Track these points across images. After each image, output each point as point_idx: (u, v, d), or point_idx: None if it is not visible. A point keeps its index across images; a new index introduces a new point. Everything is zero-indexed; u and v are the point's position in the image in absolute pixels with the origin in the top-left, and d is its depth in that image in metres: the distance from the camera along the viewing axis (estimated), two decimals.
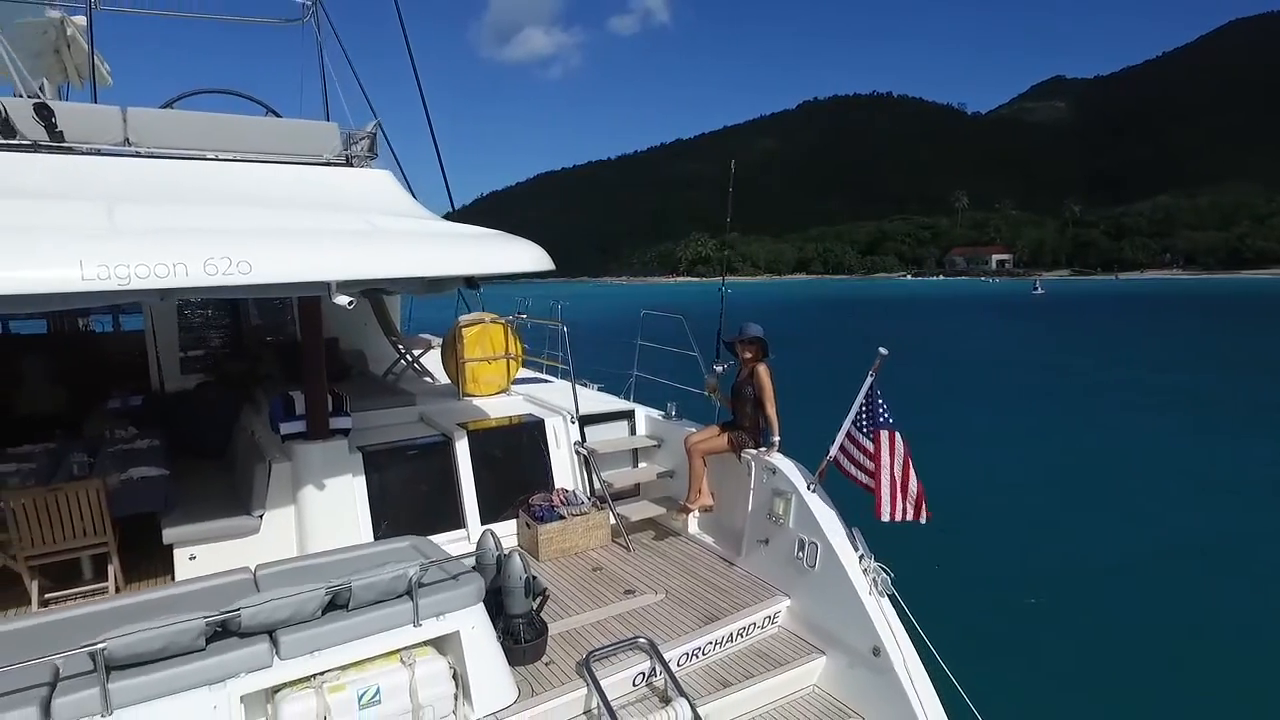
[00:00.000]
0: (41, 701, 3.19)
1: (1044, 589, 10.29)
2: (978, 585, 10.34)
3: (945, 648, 4.71)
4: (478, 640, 4.12)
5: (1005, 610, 9.76)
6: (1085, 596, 10.29)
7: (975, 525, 12.46)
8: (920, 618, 4.82)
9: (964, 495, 13.69)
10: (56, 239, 3.59)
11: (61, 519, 5.13)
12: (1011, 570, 11.07)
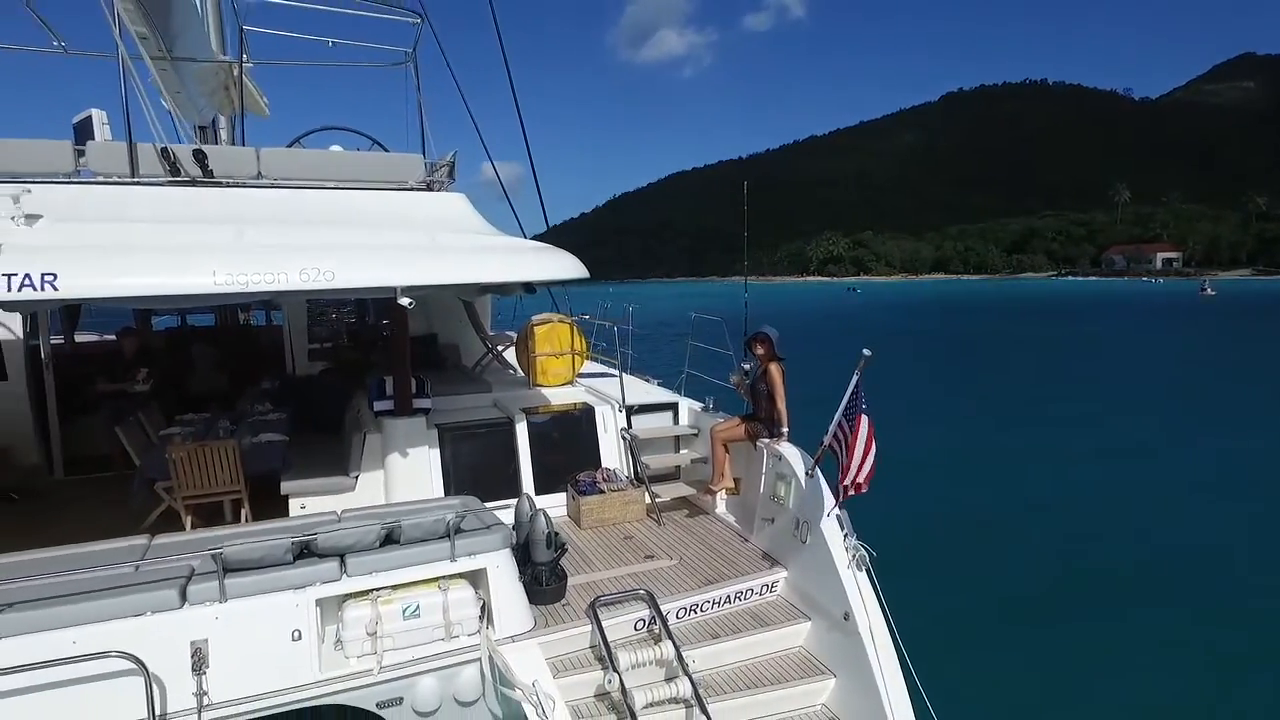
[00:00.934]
0: (180, 588, 4.45)
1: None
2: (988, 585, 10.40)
3: (912, 619, 5.25)
4: (502, 577, 5.11)
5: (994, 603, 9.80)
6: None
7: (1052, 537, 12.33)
8: (895, 593, 5.37)
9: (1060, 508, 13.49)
10: (200, 254, 4.87)
11: (207, 471, 6.58)
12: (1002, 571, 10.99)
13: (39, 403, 8.82)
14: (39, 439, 8.80)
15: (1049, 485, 14.91)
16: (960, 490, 14.45)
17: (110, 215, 5.31)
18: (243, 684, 4.44)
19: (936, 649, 6.30)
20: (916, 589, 9.37)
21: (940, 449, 17.61)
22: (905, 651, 5.08)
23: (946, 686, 5.07)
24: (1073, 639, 9.17)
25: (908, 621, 5.23)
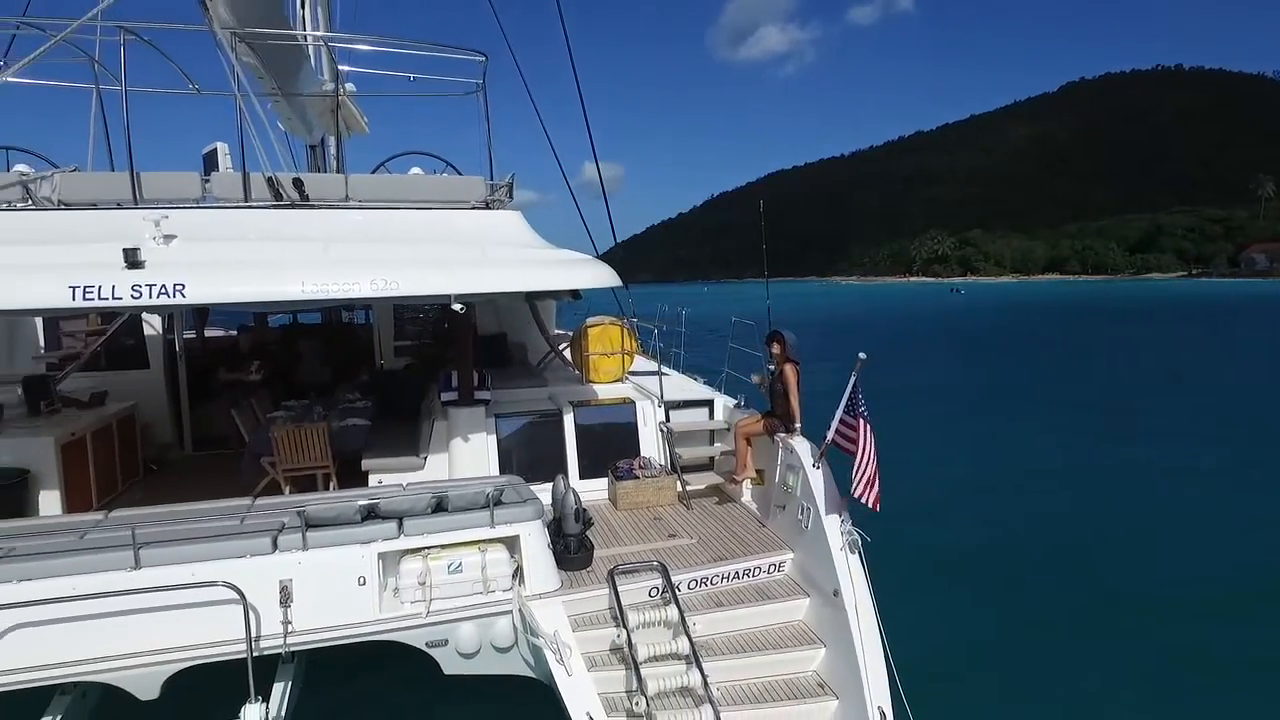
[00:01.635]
0: (272, 538, 5.53)
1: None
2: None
3: (898, 599, 5.76)
4: (533, 543, 5.97)
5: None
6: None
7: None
8: (885, 575, 5.90)
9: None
10: (293, 267, 5.96)
11: (303, 448, 7.77)
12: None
13: (174, 388, 10.39)
14: (173, 420, 10.37)
15: (1153, 507, 13.48)
16: (1042, 507, 13.59)
17: (228, 235, 6.49)
18: (318, 617, 5.48)
19: (919, 629, 6.77)
20: (956, 597, 9.66)
21: (1036, 456, 16.98)
22: (883, 626, 5.62)
23: (922, 661, 5.57)
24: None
25: (917, 604, 5.75)
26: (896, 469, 9.97)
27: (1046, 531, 11.95)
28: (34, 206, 6.68)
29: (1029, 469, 15.65)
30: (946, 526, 12.15)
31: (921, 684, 5.57)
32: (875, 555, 6.14)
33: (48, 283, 5.49)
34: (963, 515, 12.79)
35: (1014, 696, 7.32)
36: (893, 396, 23.82)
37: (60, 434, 7.62)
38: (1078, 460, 16.35)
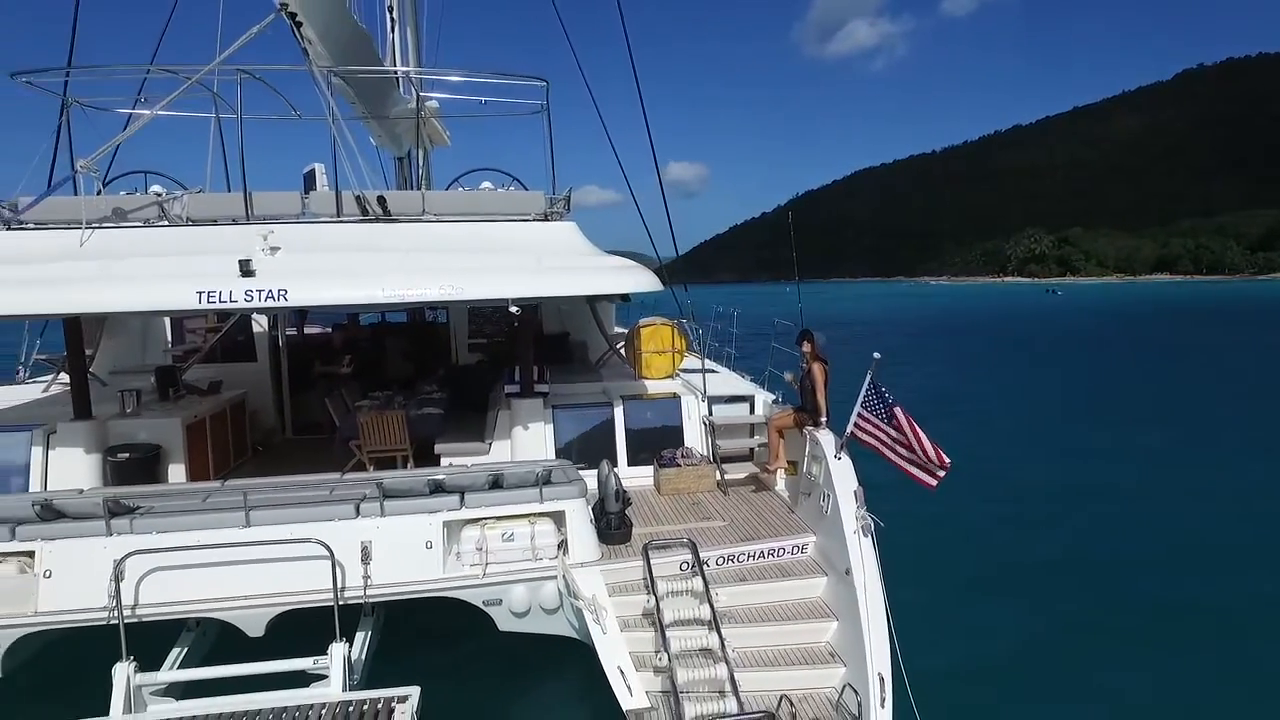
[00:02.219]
0: (355, 506, 6.49)
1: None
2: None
3: (909, 580, 6.24)
4: (576, 518, 6.75)
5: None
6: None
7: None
8: (896, 559, 6.39)
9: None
10: (375, 274, 6.93)
11: (384, 433, 8.81)
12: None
13: (277, 379, 11.71)
14: (276, 407, 11.69)
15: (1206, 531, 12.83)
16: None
17: (323, 246, 7.54)
18: (392, 574, 6.41)
19: (926, 611, 7.20)
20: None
21: (1101, 467, 16.49)
22: (890, 603, 6.12)
23: (925, 638, 6.04)
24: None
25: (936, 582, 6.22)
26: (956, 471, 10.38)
27: (1084, 540, 11.89)
28: (167, 223, 7.91)
29: (1088, 480, 15.27)
30: (981, 526, 12.27)
31: (921, 657, 6.04)
32: (903, 542, 6.64)
33: (179, 288, 6.63)
34: (1003, 517, 12.83)
35: (1004, 676, 7.61)
36: (963, 401, 23.61)
37: (185, 416, 8.90)
38: (1144, 472, 15.87)
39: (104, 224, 7.67)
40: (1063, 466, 16.34)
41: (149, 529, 6.24)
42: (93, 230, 7.58)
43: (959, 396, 25.31)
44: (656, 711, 5.86)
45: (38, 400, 10.11)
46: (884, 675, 5.74)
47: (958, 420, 20.79)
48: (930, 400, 23.50)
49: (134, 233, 7.64)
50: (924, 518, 11.63)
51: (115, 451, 8.27)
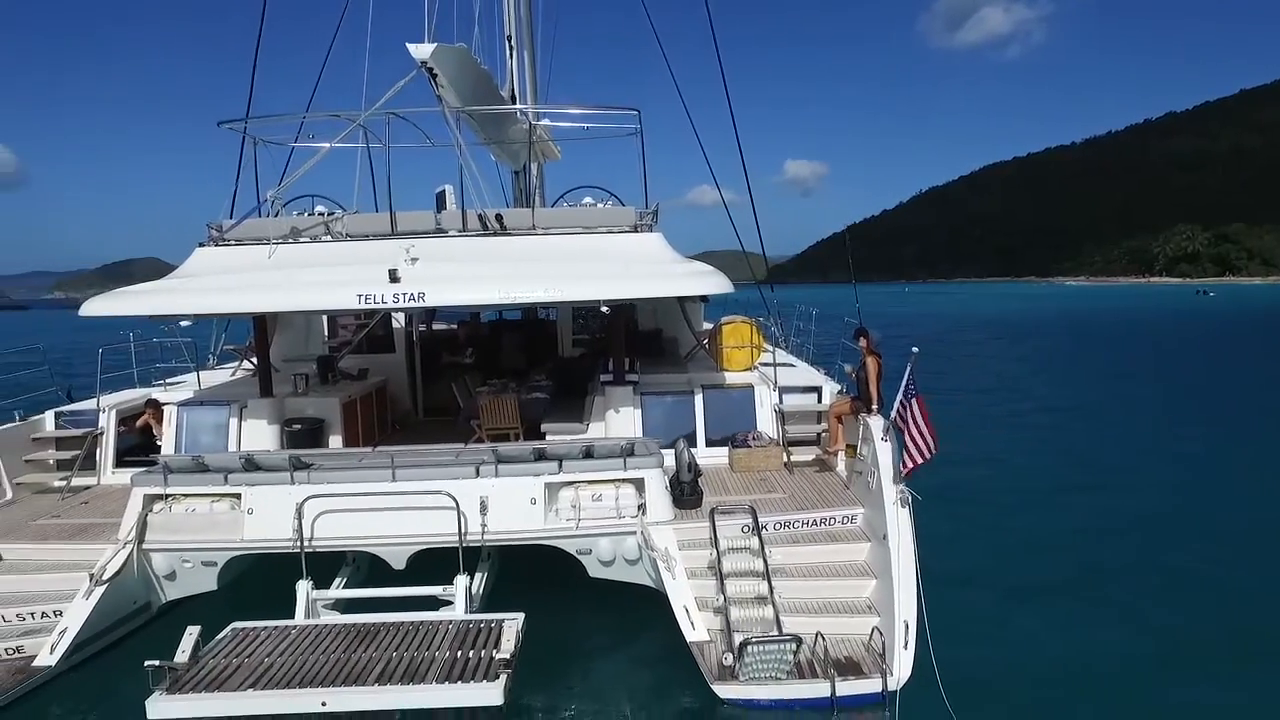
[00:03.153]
0: (476, 468, 8.03)
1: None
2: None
3: (935, 547, 7.11)
4: (654, 484, 8.02)
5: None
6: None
7: None
8: (929, 530, 7.26)
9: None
10: (492, 280, 8.46)
11: (499, 414, 10.39)
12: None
13: (412, 368, 13.63)
14: (410, 392, 13.60)
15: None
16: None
17: (452, 257, 9.16)
18: (504, 523, 7.89)
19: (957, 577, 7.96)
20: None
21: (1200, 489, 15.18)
22: (921, 565, 7.02)
23: (950, 595, 6.90)
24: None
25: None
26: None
27: (1146, 540, 11.25)
28: (331, 239, 9.79)
29: (1183, 496, 14.31)
30: (1036, 517, 12.33)
31: (945, 616, 6.91)
32: (948, 519, 7.41)
33: (344, 292, 8.41)
34: (1068, 511, 12.67)
35: (1022, 642, 8.13)
36: (1076, 413, 23.15)
37: (342, 396, 10.82)
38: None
39: (285, 240, 9.61)
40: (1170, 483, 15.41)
41: (321, 480, 7.99)
42: (276, 245, 9.54)
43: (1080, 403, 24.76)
44: (713, 643, 7.05)
45: (230, 382, 12.39)
46: (909, 623, 6.69)
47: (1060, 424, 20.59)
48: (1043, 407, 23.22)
49: (307, 247, 9.55)
50: (994, 509, 12.15)
51: (290, 423, 10.25)
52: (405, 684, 6.22)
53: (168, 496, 8.08)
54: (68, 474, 9.99)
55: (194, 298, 8.99)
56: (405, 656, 6.62)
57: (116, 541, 7.89)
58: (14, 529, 8.61)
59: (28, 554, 8.22)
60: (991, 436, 18.68)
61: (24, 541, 8.34)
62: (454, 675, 6.32)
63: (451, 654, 6.63)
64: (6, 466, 9.70)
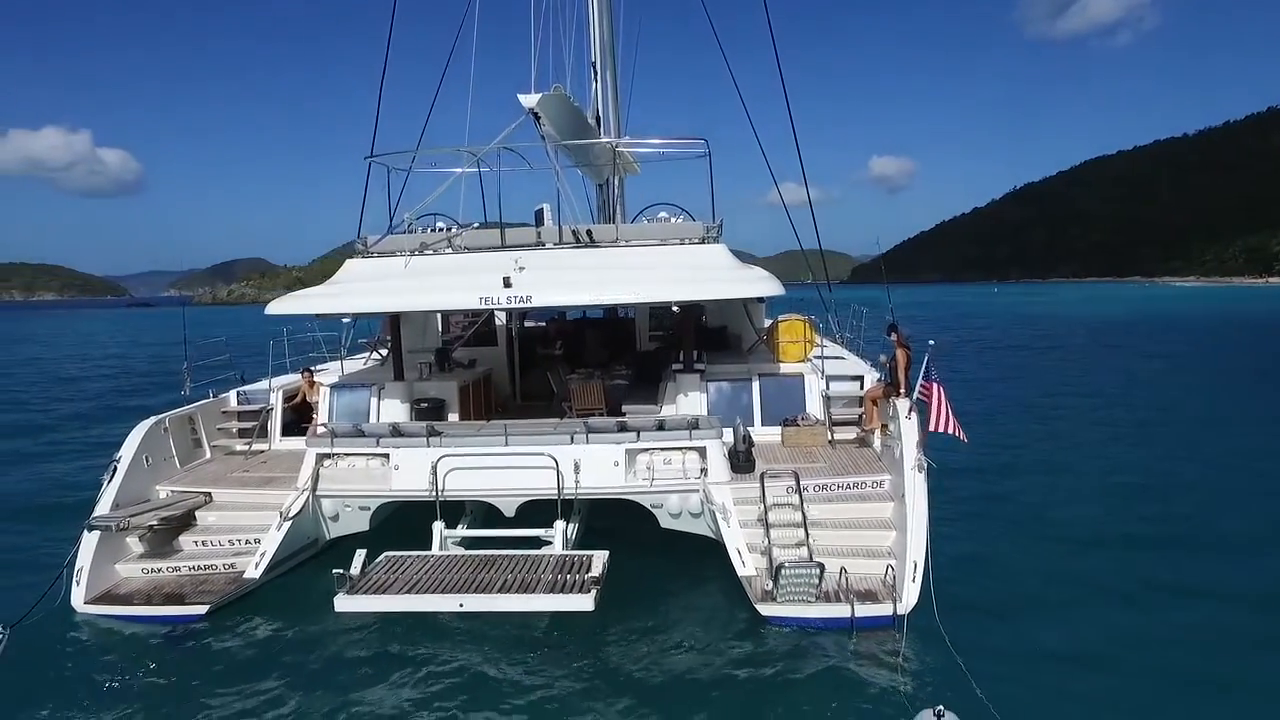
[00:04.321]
0: (571, 436, 9.98)
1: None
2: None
3: (948, 508, 8.62)
4: (714, 452, 9.79)
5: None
6: None
7: None
8: (944, 493, 8.77)
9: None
10: (580, 286, 10.43)
11: (588, 396, 12.36)
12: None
13: (511, 359, 15.80)
14: (510, 380, 15.77)
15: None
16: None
17: (548, 266, 11.15)
18: (593, 481, 9.80)
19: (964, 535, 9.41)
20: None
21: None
22: (933, 519, 8.56)
23: (955, 544, 8.40)
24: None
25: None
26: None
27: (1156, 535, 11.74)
28: (452, 251, 11.96)
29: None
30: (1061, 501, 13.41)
31: (949, 557, 8.42)
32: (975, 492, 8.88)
33: (468, 295, 10.53)
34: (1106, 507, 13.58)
35: (1020, 596, 9.41)
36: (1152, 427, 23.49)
37: (458, 381, 13.01)
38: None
39: (416, 252, 11.86)
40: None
41: (450, 445, 10.11)
42: (410, 256, 11.80)
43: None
44: (758, 577, 8.78)
45: (367, 369, 14.83)
46: (918, 563, 8.26)
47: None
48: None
49: (434, 258, 11.76)
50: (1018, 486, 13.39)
51: (418, 402, 12.49)
52: (521, 594, 8.23)
53: (334, 455, 10.37)
54: (249, 440, 12.55)
55: (351, 300, 11.36)
56: (518, 578, 8.63)
57: (296, 489, 10.23)
58: (218, 479, 11.13)
59: (231, 497, 10.69)
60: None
61: (227, 488, 10.83)
62: (556, 589, 8.29)
63: (553, 576, 8.60)
64: (205, 433, 12.31)
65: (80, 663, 8.29)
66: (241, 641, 8.69)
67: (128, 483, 10.19)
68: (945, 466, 9.55)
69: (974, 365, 35.79)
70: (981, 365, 36.07)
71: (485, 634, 8.41)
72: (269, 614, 9.26)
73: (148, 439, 10.71)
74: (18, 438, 21.86)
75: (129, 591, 9.46)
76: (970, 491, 12.96)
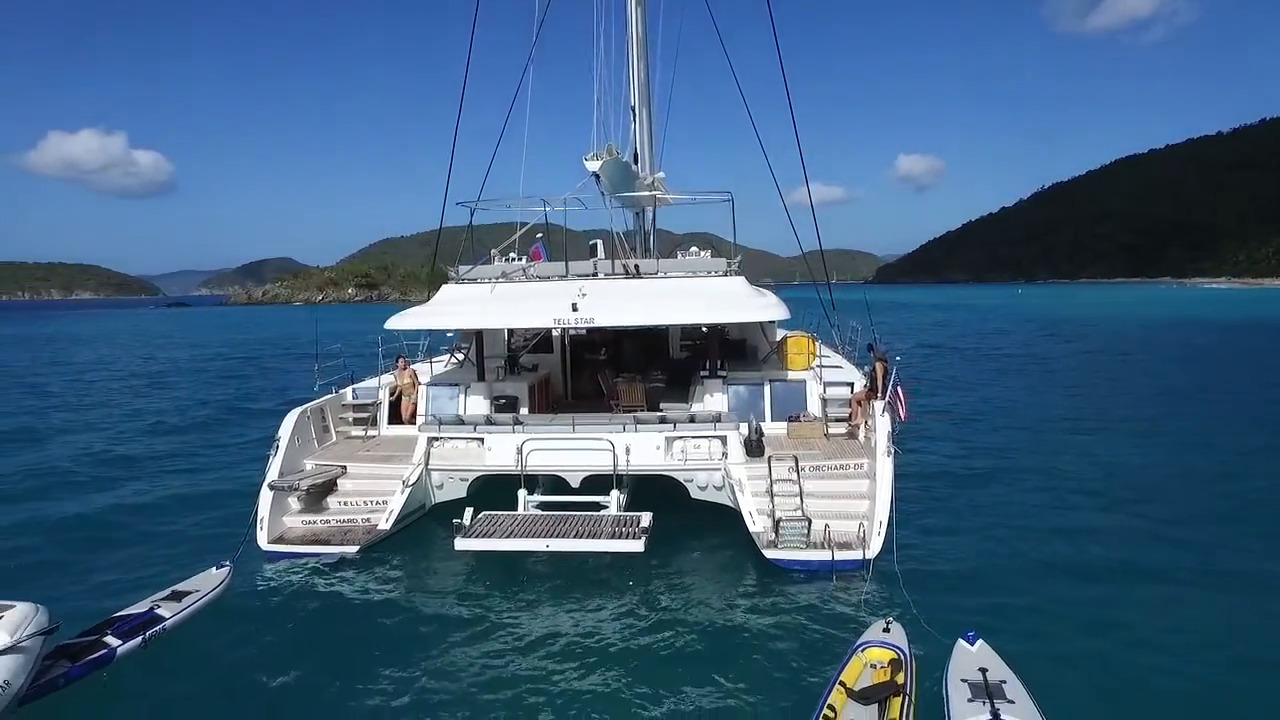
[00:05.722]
0: (623, 426, 13.07)
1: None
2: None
3: (913, 485, 11.60)
4: (733, 440, 12.83)
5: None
6: None
7: None
8: (907, 473, 11.74)
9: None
10: (625, 309, 13.51)
11: (632, 395, 15.44)
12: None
13: (564, 364, 18.91)
14: (563, 381, 18.89)
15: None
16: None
17: (605, 293, 14.18)
18: (640, 461, 12.87)
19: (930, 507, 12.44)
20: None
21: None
22: (897, 490, 11.53)
23: (916, 510, 11.37)
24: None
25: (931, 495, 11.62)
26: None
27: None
28: (526, 279, 15.08)
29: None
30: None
31: (908, 520, 11.35)
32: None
33: (543, 316, 13.65)
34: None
35: (972, 557, 12.30)
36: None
37: (528, 381, 16.13)
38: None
39: (499, 280, 15.00)
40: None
41: (530, 431, 13.22)
42: (494, 283, 14.95)
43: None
44: (765, 532, 11.78)
45: (450, 370, 18.02)
46: (883, 522, 11.23)
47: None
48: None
49: (514, 285, 14.90)
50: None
51: (496, 399, 15.63)
52: (589, 539, 11.33)
53: (440, 438, 13.55)
54: (364, 428, 15.79)
55: (452, 319, 14.57)
56: (586, 529, 11.71)
57: (412, 464, 13.40)
58: (349, 456, 14.36)
59: (361, 470, 13.92)
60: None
61: (358, 463, 14.05)
62: (615, 538, 11.37)
63: (612, 529, 11.67)
64: (332, 421, 15.57)
65: (270, 583, 11.55)
66: (378, 571, 11.89)
67: (286, 457, 13.43)
68: (935, 468, 12.49)
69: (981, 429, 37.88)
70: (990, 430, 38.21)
71: (559, 573, 11.53)
72: (397, 553, 12.45)
73: (297, 424, 13.95)
74: (170, 435, 24.87)
75: (294, 537, 12.71)
76: (945, 487, 15.86)
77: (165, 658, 9.00)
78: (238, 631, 9.91)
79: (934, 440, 20.17)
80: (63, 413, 29.35)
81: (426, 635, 9.83)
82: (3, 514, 15.16)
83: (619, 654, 9.20)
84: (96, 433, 24.62)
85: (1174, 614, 9.98)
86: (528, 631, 9.85)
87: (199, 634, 9.66)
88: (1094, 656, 8.92)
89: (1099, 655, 8.94)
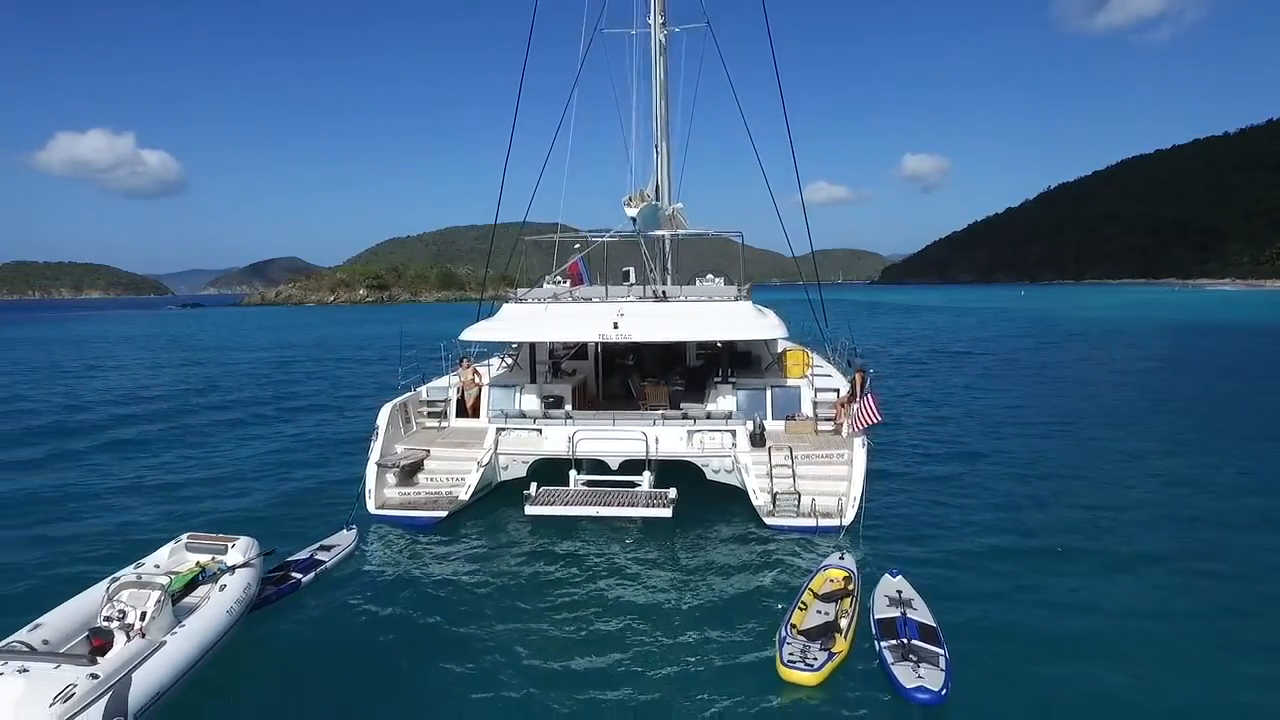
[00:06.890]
0: (653, 421, 16.47)
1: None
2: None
3: (883, 474, 15.00)
4: (741, 434, 16.21)
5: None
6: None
7: None
8: (882, 465, 15.12)
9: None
10: (653, 328, 16.88)
11: (656, 396, 18.80)
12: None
13: (597, 369, 22.29)
14: (596, 383, 22.27)
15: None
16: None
17: (640, 314, 17.49)
18: (666, 449, 16.27)
19: (901, 487, 15.86)
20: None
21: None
22: (870, 471, 14.90)
23: (887, 491, 14.75)
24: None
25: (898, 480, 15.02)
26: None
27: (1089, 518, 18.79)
28: (573, 301, 18.46)
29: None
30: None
31: (878, 498, 14.71)
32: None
33: (589, 332, 17.05)
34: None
35: (912, 504, 15.66)
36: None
37: (571, 383, 19.50)
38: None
39: (551, 301, 18.39)
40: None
41: (578, 424, 16.61)
42: (547, 304, 18.35)
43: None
44: (765, 505, 15.15)
45: (505, 372, 21.40)
46: (855, 497, 14.60)
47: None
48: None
49: (563, 305, 18.29)
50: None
51: (546, 396, 19.00)
52: (628, 507, 14.73)
53: (506, 428, 16.97)
54: (437, 420, 19.21)
55: (515, 333, 17.99)
56: (625, 500, 15.11)
57: (484, 448, 16.81)
58: (430, 443, 17.75)
59: (442, 453, 17.32)
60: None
61: (439, 448, 17.47)
62: (648, 506, 14.76)
63: (645, 500, 15.08)
64: (412, 414, 18.98)
65: (385, 538, 15.01)
66: (460, 531, 15.32)
67: (384, 442, 16.85)
68: (904, 458, 15.78)
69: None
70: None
71: (600, 534, 14.91)
72: (473, 519, 15.88)
73: (390, 416, 17.36)
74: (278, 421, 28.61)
75: (394, 504, 16.14)
76: (909, 473, 19.24)
77: (330, 586, 12.49)
78: (368, 572, 13.37)
79: (909, 436, 23.54)
80: (210, 411, 31.59)
81: (499, 579, 13.13)
82: (231, 490, 18.91)
83: (654, 589, 12.57)
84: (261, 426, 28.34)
85: (1073, 577, 13.02)
86: (580, 574, 13.21)
87: (345, 574, 13.13)
88: (987, 596, 11.94)
89: (992, 595, 12.01)
